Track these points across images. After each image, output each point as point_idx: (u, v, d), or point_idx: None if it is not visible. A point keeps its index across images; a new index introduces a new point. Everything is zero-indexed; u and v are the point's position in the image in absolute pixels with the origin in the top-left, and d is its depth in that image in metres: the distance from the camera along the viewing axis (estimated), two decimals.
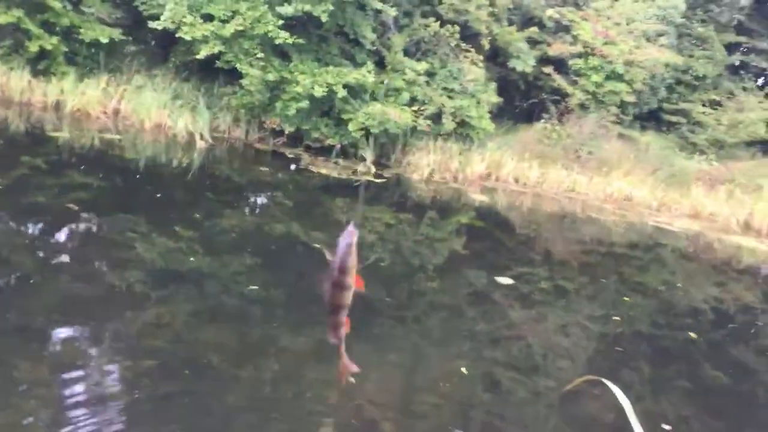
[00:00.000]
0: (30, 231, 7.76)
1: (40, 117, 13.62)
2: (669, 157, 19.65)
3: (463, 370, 5.99)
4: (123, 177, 11.03)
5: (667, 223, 16.17)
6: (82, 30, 14.50)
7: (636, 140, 19.70)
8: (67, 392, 4.45)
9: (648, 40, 19.40)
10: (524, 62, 17.59)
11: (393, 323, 7.12)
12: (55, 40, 14.13)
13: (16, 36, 14.15)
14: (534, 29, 17.86)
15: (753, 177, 18.96)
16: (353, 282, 2.47)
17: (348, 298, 2.48)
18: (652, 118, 21.78)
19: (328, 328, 2.52)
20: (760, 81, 24.57)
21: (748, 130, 20.56)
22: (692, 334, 8.42)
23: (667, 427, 5.66)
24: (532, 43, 18.32)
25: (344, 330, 2.58)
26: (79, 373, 4.68)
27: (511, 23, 17.88)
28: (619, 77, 18.53)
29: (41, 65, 14.41)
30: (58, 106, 14.22)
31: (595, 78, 18.33)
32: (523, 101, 19.67)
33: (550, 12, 18.35)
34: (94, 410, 4.25)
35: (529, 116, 19.43)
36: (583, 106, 18.62)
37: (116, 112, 14.86)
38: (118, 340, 5.33)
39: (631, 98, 18.89)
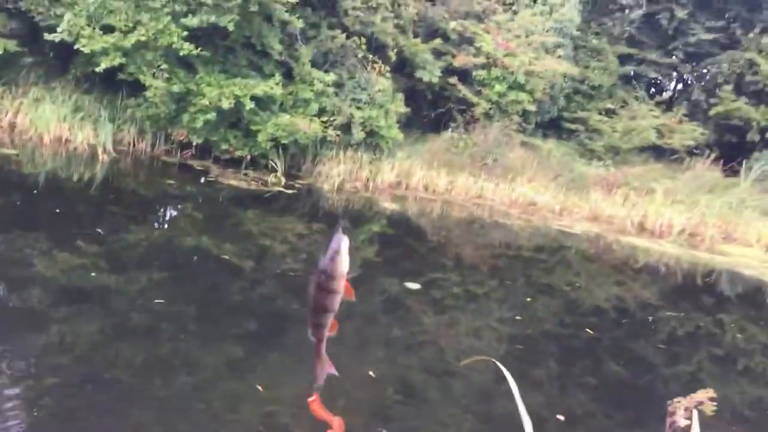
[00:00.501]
0: None
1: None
2: (569, 164, 20.51)
3: (371, 374, 6.10)
4: (21, 193, 10.59)
5: (568, 226, 16.86)
6: None
7: (538, 147, 20.47)
8: None
9: (547, 51, 20.23)
10: (430, 73, 17.99)
11: (305, 333, 7.14)
12: None
13: None
14: (438, 41, 18.31)
15: (646, 181, 20.03)
16: (340, 287, 2.48)
17: (333, 302, 2.50)
18: (552, 126, 22.68)
19: (310, 327, 2.57)
20: (651, 91, 26.03)
21: (640, 137, 21.70)
22: (590, 331, 8.86)
23: (561, 417, 5.95)
24: (438, 54, 18.77)
25: (327, 332, 2.61)
26: None
27: (416, 35, 18.26)
28: (520, 87, 19.23)
29: None
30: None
31: (498, 88, 18.94)
32: (430, 111, 20.08)
33: (453, 24, 18.85)
34: None
35: (437, 125, 19.86)
36: (487, 115, 19.20)
37: (12, 126, 14.22)
38: (17, 361, 5.14)
39: (532, 107, 19.62)
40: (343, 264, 2.47)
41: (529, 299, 10.13)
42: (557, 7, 20.89)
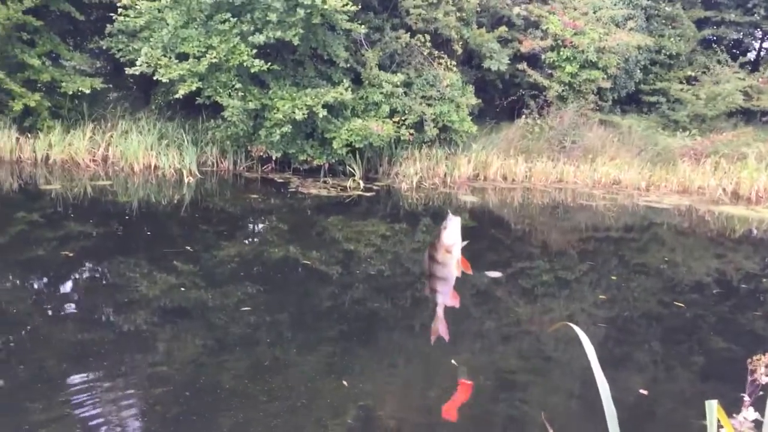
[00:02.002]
0: (33, 285, 7.90)
1: (32, 172, 13.79)
2: (652, 137, 19.89)
3: (474, 372, 6.14)
4: (118, 221, 11.18)
5: (657, 201, 16.36)
6: (63, 83, 14.70)
7: (618, 124, 19.95)
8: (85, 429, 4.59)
9: (617, 25, 19.70)
10: (498, 62, 17.84)
11: (401, 332, 7.25)
12: (38, 96, 14.33)
13: None
14: (503, 28, 18.13)
15: (736, 147, 19.20)
16: (448, 258, 2.78)
17: (444, 270, 2.81)
18: (631, 101, 22.05)
19: (429, 292, 2.93)
20: (734, 52, 24.87)
21: (726, 102, 20.80)
22: (684, 306, 8.58)
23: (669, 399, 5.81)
24: (504, 42, 18.59)
25: (445, 299, 2.92)
26: (95, 409, 4.82)
27: (480, 25, 18.15)
28: (592, 65, 18.79)
29: (27, 122, 14.60)
30: (47, 160, 14.40)
31: (569, 69, 18.58)
32: (502, 100, 19.90)
33: (517, 10, 18.62)
34: None
35: (511, 114, 19.67)
36: (561, 98, 18.87)
37: (105, 158, 15.03)
38: (130, 375, 5.47)
39: (607, 84, 19.15)
40: (449, 237, 2.78)
41: (623, 280, 9.90)
42: None
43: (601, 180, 17.84)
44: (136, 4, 14.61)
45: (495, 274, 9.37)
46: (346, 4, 14.36)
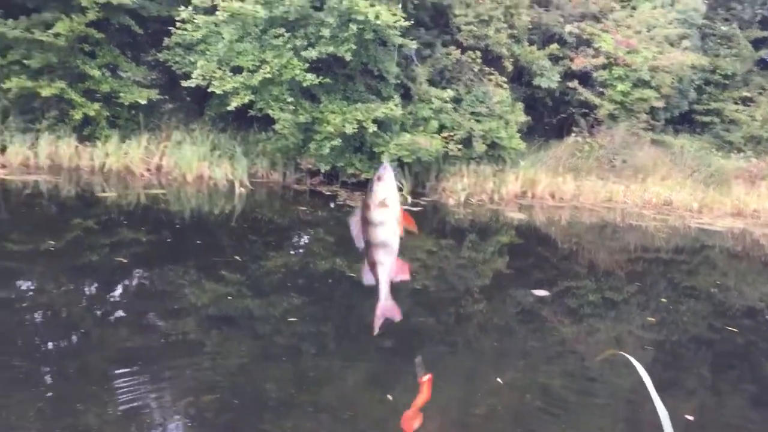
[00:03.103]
0: (86, 289, 8.14)
1: (89, 180, 14.22)
2: (706, 158, 19.49)
3: (499, 380, 6.10)
4: (170, 229, 11.44)
5: (710, 224, 16.01)
6: (121, 94, 15.16)
7: (670, 144, 19.61)
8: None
9: (671, 44, 19.42)
10: (549, 79, 17.75)
11: (444, 349, 7.25)
12: (97, 106, 14.80)
13: (61, 106, 14.85)
14: (555, 46, 18.04)
15: None
16: (392, 218, 2.22)
17: (387, 234, 2.26)
18: (684, 121, 21.66)
19: (369, 268, 2.32)
20: None
21: None
22: (737, 331, 8.37)
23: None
24: (555, 59, 18.49)
25: (392, 271, 2.35)
26: (144, 413, 4.94)
27: (531, 43, 18.10)
28: (645, 84, 18.54)
29: (86, 131, 15.08)
30: (104, 168, 14.83)
31: (622, 87, 18.37)
32: (552, 117, 19.77)
33: (569, 27, 18.52)
34: None
35: (560, 131, 19.51)
36: (612, 116, 18.65)
37: (159, 168, 15.41)
38: (180, 381, 5.59)
39: (660, 103, 18.86)
40: (384, 190, 2.25)
41: (672, 303, 9.71)
42: None
43: (652, 200, 17.54)
44: (193, 19, 15.00)
45: (541, 292, 9.30)
46: (398, 20, 14.49)
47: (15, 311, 6.92)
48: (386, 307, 2.43)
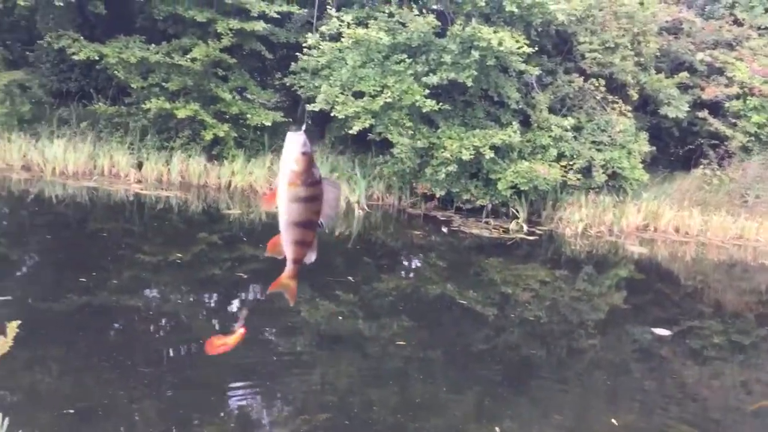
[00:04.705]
0: (207, 301, 8.56)
1: (215, 197, 14.97)
2: None
3: (614, 421, 5.85)
4: None
5: None
6: (248, 116, 15.90)
7: None
8: None
9: None
10: (676, 108, 17.02)
11: (555, 382, 7.07)
12: (226, 127, 15.60)
13: (194, 126, 15.77)
14: (684, 74, 17.30)
15: None
16: (301, 190, 2.14)
17: (300, 209, 2.18)
18: None
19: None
20: None
21: None
22: None
23: None
24: (683, 88, 17.72)
25: (288, 246, 2.28)
26: (259, 428, 5.11)
27: (659, 70, 17.45)
28: None
29: (215, 150, 15.91)
30: (230, 186, 15.57)
31: (757, 118, 17.33)
32: (678, 148, 18.92)
33: (701, 55, 17.72)
34: None
35: (686, 163, 18.63)
36: (745, 149, 17.62)
37: None
38: (291, 398, 5.75)
39: None
40: (292, 158, 2.13)
41: None
42: None
43: None
44: (320, 45, 15.55)
45: (661, 331, 8.87)
46: (522, 47, 14.41)
47: (142, 319, 7.38)
48: (282, 283, 2.43)
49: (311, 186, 2.20)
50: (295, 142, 2.20)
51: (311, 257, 2.40)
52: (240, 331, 2.85)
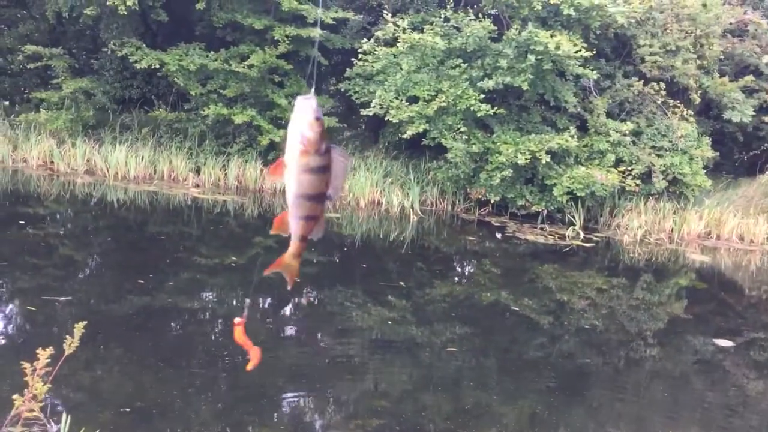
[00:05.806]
0: (261, 305, 8.65)
1: (270, 201, 15.18)
2: None
3: None
4: (341, 252, 11.90)
5: None
6: None
7: None
8: None
9: None
10: (741, 113, 16.47)
11: (611, 393, 6.91)
12: (282, 132, 15.80)
13: (250, 132, 16.03)
14: (750, 78, 16.74)
15: None
16: (313, 159, 1.97)
17: (310, 181, 2.01)
18: None
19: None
20: None
21: None
22: None
23: None
24: (749, 91, 17.15)
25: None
26: (312, 431, 5.14)
27: (722, 74, 16.94)
28: None
29: (271, 156, 16.14)
30: (284, 191, 15.75)
31: None
32: (743, 153, 18.33)
33: (767, 59, 17.14)
34: None
35: (752, 169, 18.02)
36: None
37: None
38: (344, 402, 5.77)
39: None
40: (305, 124, 1.97)
41: None
42: None
43: None
44: (375, 50, 15.62)
45: (724, 342, 8.58)
46: (579, 50, 14.18)
47: (198, 321, 7.53)
48: (284, 262, 2.22)
49: (323, 155, 2.02)
50: (307, 106, 2.02)
51: (318, 233, 2.19)
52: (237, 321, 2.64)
